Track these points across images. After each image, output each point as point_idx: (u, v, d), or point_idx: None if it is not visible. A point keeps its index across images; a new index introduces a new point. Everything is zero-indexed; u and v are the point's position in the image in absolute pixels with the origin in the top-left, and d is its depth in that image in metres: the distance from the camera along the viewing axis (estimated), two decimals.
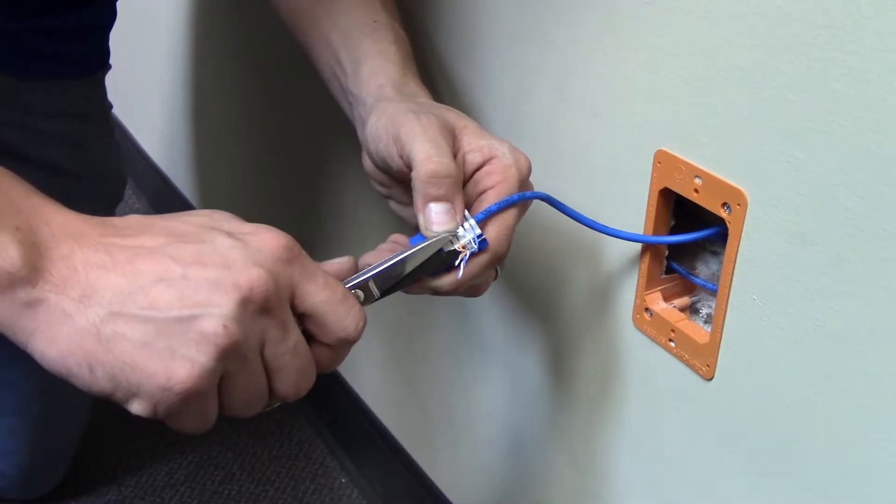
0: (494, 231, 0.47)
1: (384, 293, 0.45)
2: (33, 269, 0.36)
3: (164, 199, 1.42)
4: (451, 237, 0.47)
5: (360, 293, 0.44)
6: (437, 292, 0.48)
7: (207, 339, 0.36)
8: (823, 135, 0.42)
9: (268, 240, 0.39)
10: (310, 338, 0.41)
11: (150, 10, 1.22)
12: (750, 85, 0.45)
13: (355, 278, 0.45)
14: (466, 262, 0.47)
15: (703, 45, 0.47)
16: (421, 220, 0.47)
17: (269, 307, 0.38)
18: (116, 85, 0.89)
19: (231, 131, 1.14)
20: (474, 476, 0.82)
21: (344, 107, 0.59)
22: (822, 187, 0.42)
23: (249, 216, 0.42)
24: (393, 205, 0.55)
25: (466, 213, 0.47)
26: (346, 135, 0.85)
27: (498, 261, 0.48)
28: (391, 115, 0.49)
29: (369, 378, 0.97)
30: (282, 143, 1.01)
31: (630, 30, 0.51)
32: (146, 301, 0.36)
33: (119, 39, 0.85)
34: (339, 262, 0.44)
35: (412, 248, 0.46)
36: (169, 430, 1.12)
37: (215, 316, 0.36)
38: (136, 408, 0.37)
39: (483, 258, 0.47)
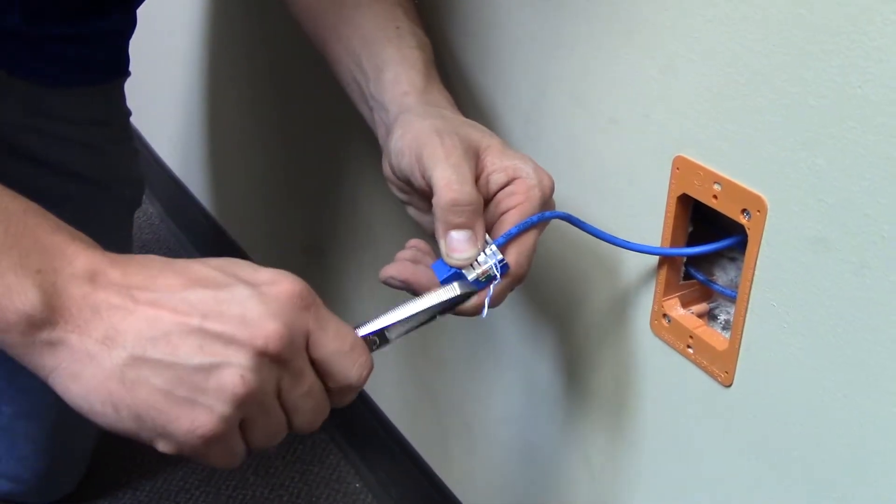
0: (515, 254, 0.48)
1: (399, 336, 0.46)
2: (53, 310, 0.37)
3: (179, 204, 1.42)
4: (472, 262, 0.48)
5: (376, 339, 0.45)
6: (460, 314, 0.49)
7: (226, 389, 0.37)
8: (845, 141, 0.42)
9: (284, 290, 0.40)
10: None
11: (165, 16, 1.23)
12: (770, 91, 0.44)
13: (372, 326, 0.45)
14: (490, 282, 0.48)
15: (723, 50, 0.47)
16: (442, 247, 0.48)
17: (284, 358, 0.39)
18: (131, 91, 0.90)
19: (245, 137, 1.14)
20: (489, 482, 0.82)
21: (363, 112, 0.60)
22: (843, 193, 0.42)
23: (263, 221, 0.43)
24: (411, 210, 0.55)
25: (488, 237, 0.48)
26: (360, 139, 0.85)
27: (518, 282, 0.49)
28: (416, 134, 0.49)
29: (384, 383, 0.97)
30: (296, 149, 1.01)
31: (648, 36, 0.51)
32: (167, 348, 0.37)
33: (133, 46, 0.86)
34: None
35: (429, 294, 0.47)
36: None
37: (234, 366, 0.37)
38: (162, 447, 0.39)
39: (504, 281, 0.48)
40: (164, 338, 0.37)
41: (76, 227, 0.44)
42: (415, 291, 0.50)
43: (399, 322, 0.46)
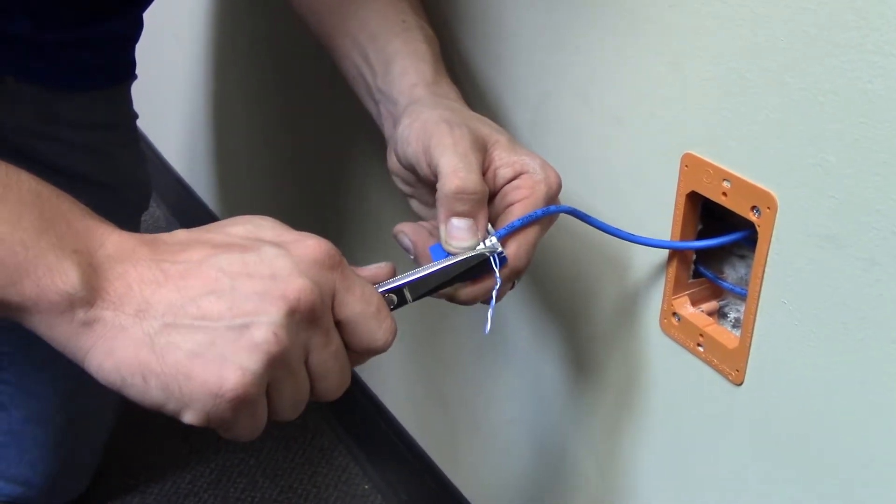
0: (514, 247, 0.48)
1: (416, 298, 0.46)
2: (92, 289, 0.38)
3: (185, 206, 1.42)
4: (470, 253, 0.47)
5: (394, 297, 0.45)
6: (453, 300, 0.49)
7: (258, 346, 0.37)
8: (855, 137, 0.41)
9: (311, 247, 0.40)
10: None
11: (171, 20, 1.23)
12: (779, 87, 0.44)
13: (392, 282, 0.45)
14: (486, 274, 0.48)
15: (731, 47, 0.46)
16: (442, 233, 0.48)
17: (315, 316, 0.39)
18: (137, 94, 0.90)
19: (251, 139, 1.15)
20: (498, 482, 0.82)
21: (369, 106, 0.60)
22: (854, 190, 0.42)
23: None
24: (415, 204, 0.55)
25: (491, 228, 0.48)
26: (367, 139, 0.85)
27: (515, 276, 0.49)
28: (424, 123, 0.49)
29: (392, 384, 0.97)
30: (302, 150, 1.01)
31: (655, 33, 0.51)
32: (198, 312, 0.38)
33: (139, 49, 0.86)
34: (378, 268, 0.45)
35: (445, 260, 0.47)
36: (192, 438, 1.12)
37: (265, 324, 0.38)
38: (189, 418, 0.38)
39: (501, 274, 0.48)
40: (193, 303, 0.38)
41: None
42: (417, 256, 0.50)
43: (418, 279, 0.46)
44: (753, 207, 0.47)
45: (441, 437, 0.90)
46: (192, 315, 0.37)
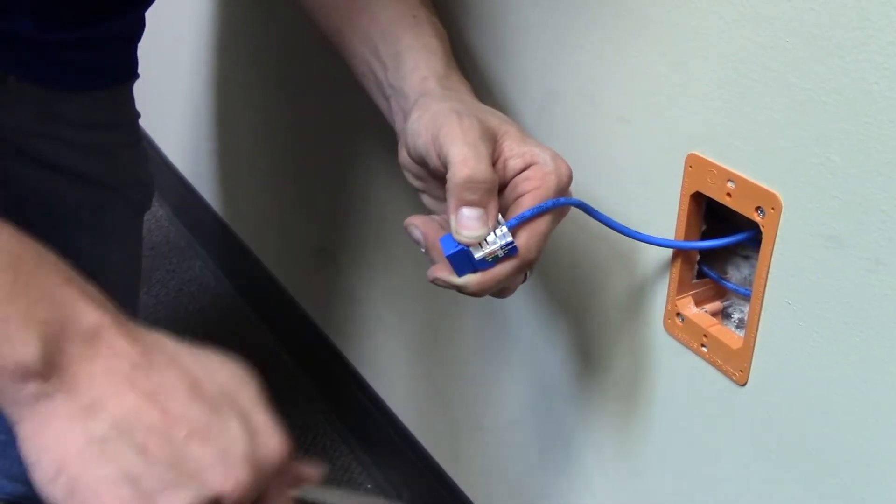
0: (525, 237, 0.47)
1: None
2: (50, 366, 0.36)
3: (187, 205, 1.43)
4: (480, 242, 0.47)
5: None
6: (462, 290, 0.48)
7: (192, 497, 0.36)
8: (860, 137, 0.41)
9: (272, 449, 0.39)
10: None
11: (174, 18, 1.23)
12: (784, 87, 0.44)
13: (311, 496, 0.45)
14: (495, 264, 0.47)
15: (736, 47, 0.46)
16: (452, 223, 0.47)
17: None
18: (139, 93, 0.90)
19: (254, 138, 1.14)
20: (501, 482, 0.82)
21: (380, 102, 0.59)
22: (858, 190, 0.42)
23: (272, 222, 0.42)
24: (426, 199, 0.55)
25: (501, 218, 0.47)
26: (370, 139, 0.85)
27: (527, 267, 0.48)
28: (434, 114, 0.49)
29: (394, 383, 0.97)
30: (305, 150, 1.01)
31: (660, 33, 0.51)
32: (143, 444, 0.36)
33: (142, 48, 0.86)
34: (309, 472, 0.45)
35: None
36: None
37: (191, 495, 0.36)
38: None
39: (511, 263, 0.47)
40: (141, 433, 0.36)
41: (87, 230, 0.44)
42: (428, 249, 0.49)
43: None
44: (758, 208, 0.47)
45: (444, 437, 0.90)
46: (136, 444, 0.36)
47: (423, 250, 0.50)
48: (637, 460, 0.63)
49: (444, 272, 0.48)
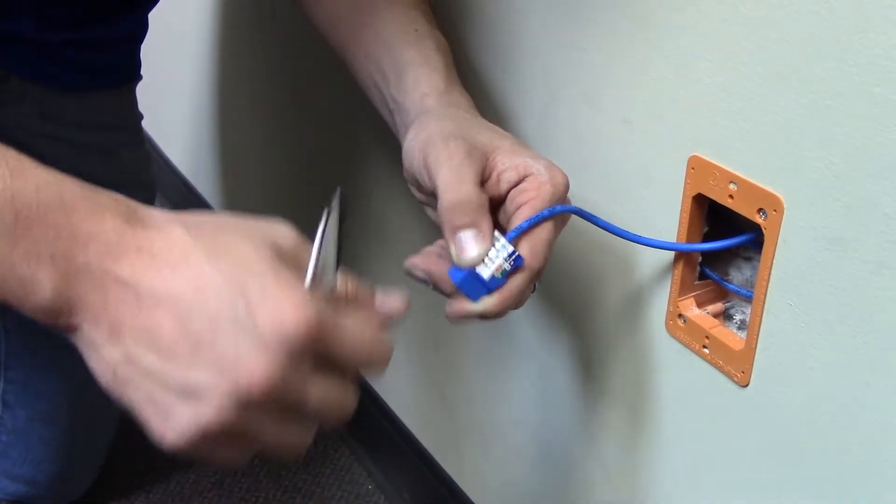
0: (529, 247, 0.48)
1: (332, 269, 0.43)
2: (67, 300, 0.37)
3: (189, 207, 1.42)
4: (484, 259, 0.47)
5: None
6: (485, 316, 0.49)
7: (198, 419, 0.37)
8: (863, 140, 0.41)
9: (285, 322, 0.36)
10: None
11: (176, 20, 1.23)
12: (787, 90, 0.44)
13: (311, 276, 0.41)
14: (506, 279, 0.48)
15: (738, 50, 0.46)
16: (452, 250, 0.48)
17: (270, 399, 0.37)
18: (142, 95, 0.90)
19: (256, 140, 1.15)
20: (503, 484, 0.82)
21: (385, 115, 0.60)
22: (861, 193, 0.42)
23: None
24: (430, 212, 0.55)
25: (497, 233, 0.48)
26: (372, 142, 0.85)
27: (536, 276, 0.49)
28: (425, 138, 0.50)
29: (396, 384, 0.97)
30: (307, 152, 1.01)
31: (662, 36, 0.51)
32: (158, 360, 0.37)
33: (144, 49, 0.86)
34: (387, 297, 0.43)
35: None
36: None
37: (210, 402, 0.36)
38: None
39: (521, 275, 0.48)
40: (156, 349, 0.37)
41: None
42: (436, 283, 0.50)
43: (321, 269, 0.41)
44: (760, 210, 0.47)
45: (445, 438, 0.90)
46: (152, 361, 0.37)
47: (431, 287, 0.50)
48: (638, 460, 0.63)
49: (460, 304, 0.48)
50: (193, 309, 0.37)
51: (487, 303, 0.48)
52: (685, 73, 0.50)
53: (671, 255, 0.55)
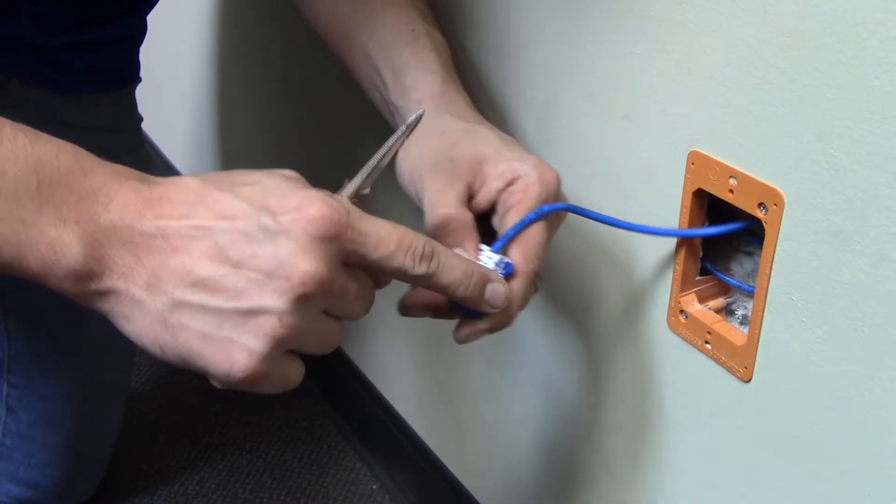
0: (521, 252, 0.48)
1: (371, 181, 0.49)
2: (97, 261, 0.38)
3: None
4: None
5: (357, 200, 0.46)
6: (493, 330, 0.48)
7: (264, 331, 0.38)
8: (862, 132, 0.41)
9: (314, 221, 0.39)
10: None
11: (176, 22, 1.23)
12: (786, 84, 0.44)
13: (349, 189, 0.47)
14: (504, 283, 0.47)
15: (737, 44, 0.46)
16: None
17: (323, 289, 0.39)
18: (142, 97, 0.90)
19: (255, 140, 1.15)
20: (506, 482, 0.82)
21: (386, 116, 0.61)
22: (862, 186, 0.42)
23: None
24: None
25: (483, 245, 0.48)
26: (371, 138, 0.85)
27: (534, 278, 0.49)
28: (410, 170, 0.52)
29: (399, 384, 0.97)
30: (307, 153, 1.01)
31: (661, 31, 0.51)
32: (205, 293, 0.38)
33: (144, 51, 0.86)
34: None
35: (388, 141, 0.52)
36: (200, 439, 1.12)
37: (270, 312, 0.38)
38: (213, 383, 0.40)
39: (518, 280, 0.48)
40: (201, 283, 0.38)
41: None
42: (438, 314, 0.49)
43: (370, 175, 0.49)
44: (760, 204, 0.47)
45: (449, 437, 0.90)
46: (200, 296, 0.38)
47: (433, 317, 0.50)
48: (642, 457, 0.63)
49: (466, 327, 0.48)
50: (224, 235, 0.38)
51: (491, 317, 0.48)
52: (685, 67, 0.50)
53: (672, 250, 0.55)
